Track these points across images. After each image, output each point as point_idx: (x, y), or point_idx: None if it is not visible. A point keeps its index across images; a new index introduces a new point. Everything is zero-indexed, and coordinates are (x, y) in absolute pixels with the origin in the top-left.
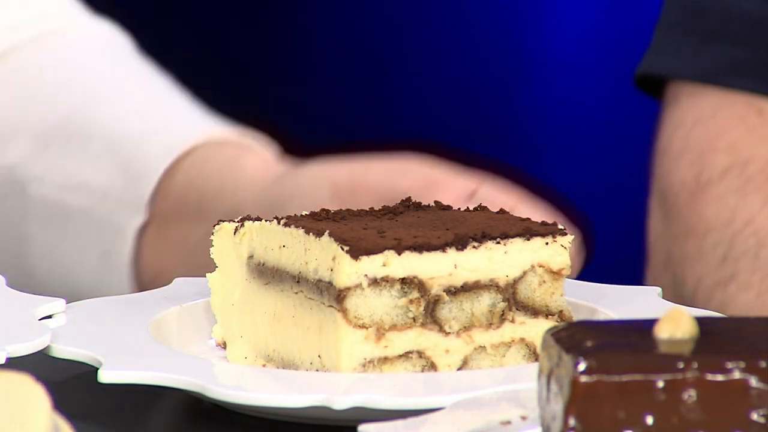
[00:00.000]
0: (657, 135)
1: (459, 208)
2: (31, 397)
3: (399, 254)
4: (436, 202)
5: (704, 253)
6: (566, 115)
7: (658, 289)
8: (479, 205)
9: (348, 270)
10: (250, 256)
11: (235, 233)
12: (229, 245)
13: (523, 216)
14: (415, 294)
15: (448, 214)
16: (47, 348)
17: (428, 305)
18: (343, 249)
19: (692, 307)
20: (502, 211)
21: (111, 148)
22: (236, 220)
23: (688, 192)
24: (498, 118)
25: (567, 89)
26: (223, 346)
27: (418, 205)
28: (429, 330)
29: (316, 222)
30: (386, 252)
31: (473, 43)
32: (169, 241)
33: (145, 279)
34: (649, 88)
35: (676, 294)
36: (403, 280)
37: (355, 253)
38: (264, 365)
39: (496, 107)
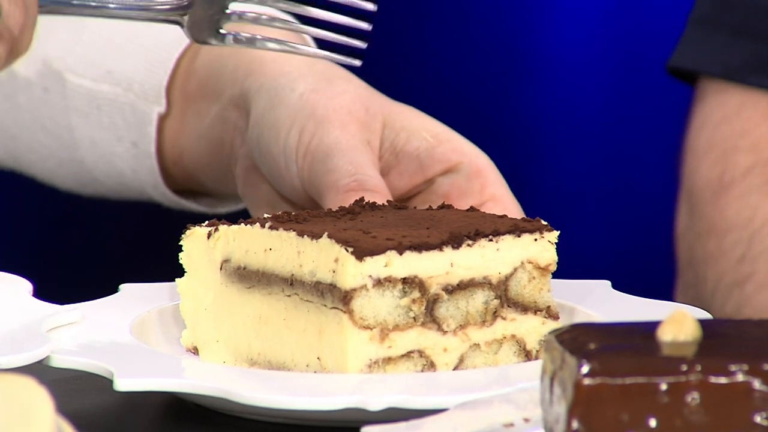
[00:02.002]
0: (686, 132)
1: (415, 207)
2: (35, 399)
3: (401, 254)
4: (389, 201)
5: (724, 252)
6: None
7: (608, 282)
8: (443, 204)
9: (353, 271)
10: (226, 260)
11: (208, 238)
12: (200, 250)
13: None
14: (417, 293)
15: (415, 213)
16: (47, 359)
17: (428, 304)
18: (347, 250)
19: (710, 306)
20: (472, 209)
21: (131, 37)
22: (206, 224)
23: (711, 191)
24: (499, 118)
25: (569, 89)
26: (194, 351)
27: (373, 205)
28: (428, 329)
29: (284, 224)
30: (389, 252)
31: (474, 42)
32: (188, 121)
33: (169, 163)
34: (682, 75)
35: (697, 292)
36: (405, 280)
37: (360, 254)
38: (249, 368)
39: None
